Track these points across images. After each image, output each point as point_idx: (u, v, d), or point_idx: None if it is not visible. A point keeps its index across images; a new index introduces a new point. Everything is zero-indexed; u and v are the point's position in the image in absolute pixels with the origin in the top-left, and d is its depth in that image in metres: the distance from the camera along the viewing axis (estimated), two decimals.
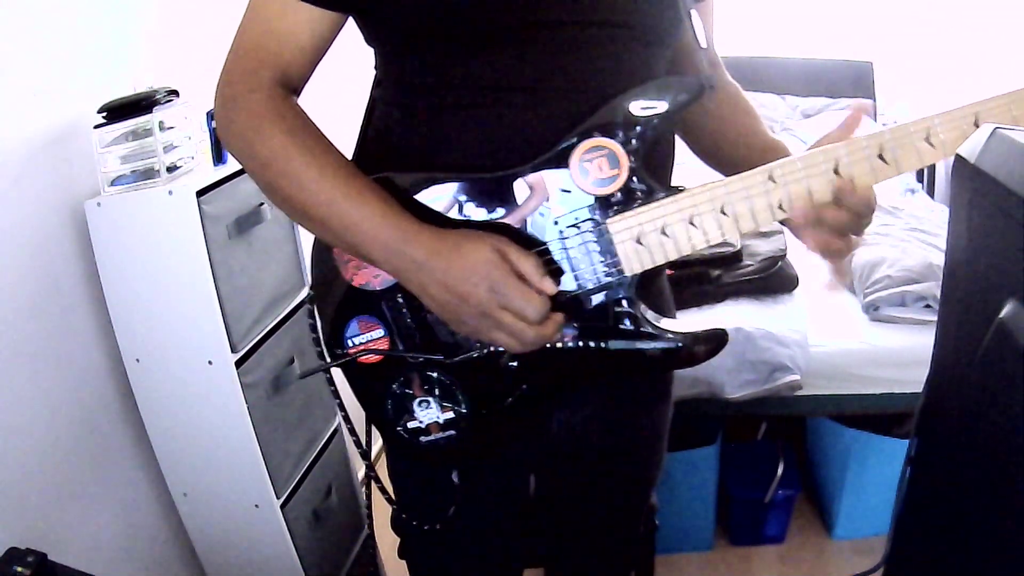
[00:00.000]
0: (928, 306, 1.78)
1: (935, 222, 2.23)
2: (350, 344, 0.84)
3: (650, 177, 0.77)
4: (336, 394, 0.93)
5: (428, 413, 0.85)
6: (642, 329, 0.80)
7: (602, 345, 0.81)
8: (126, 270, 1.31)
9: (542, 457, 1.02)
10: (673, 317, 0.93)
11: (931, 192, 3.01)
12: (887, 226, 2.22)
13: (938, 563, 1.13)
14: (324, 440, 1.65)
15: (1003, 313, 0.91)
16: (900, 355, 1.74)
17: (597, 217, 0.77)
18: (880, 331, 1.81)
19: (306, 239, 1.33)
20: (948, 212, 1.17)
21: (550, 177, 0.77)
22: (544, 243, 0.78)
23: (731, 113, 0.95)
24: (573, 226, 0.77)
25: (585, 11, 0.75)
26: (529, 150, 0.76)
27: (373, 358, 0.84)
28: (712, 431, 1.90)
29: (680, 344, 0.81)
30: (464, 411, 0.85)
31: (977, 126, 0.74)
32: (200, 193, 1.26)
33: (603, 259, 0.78)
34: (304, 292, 1.58)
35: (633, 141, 0.75)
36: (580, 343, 0.81)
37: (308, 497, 1.55)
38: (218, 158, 1.37)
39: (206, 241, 1.26)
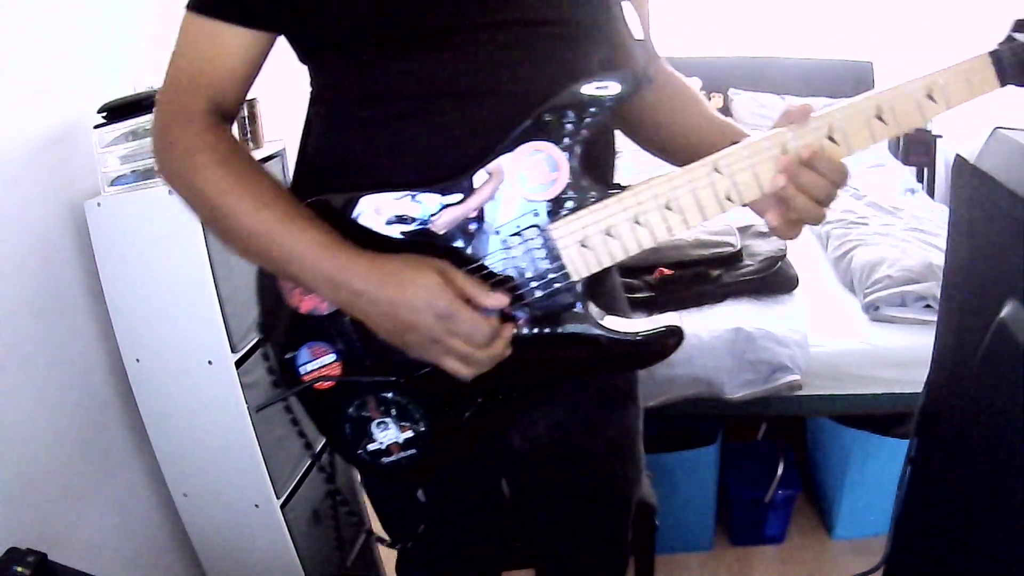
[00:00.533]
0: (928, 306, 1.77)
1: (935, 222, 2.23)
2: (303, 372, 0.82)
3: (591, 177, 0.76)
4: (295, 422, 0.92)
5: (387, 434, 0.84)
6: (593, 331, 0.79)
7: (553, 350, 0.80)
8: (126, 270, 1.31)
9: (511, 465, 1.01)
10: (627, 316, 0.92)
11: (931, 192, 3.01)
12: (887, 226, 2.22)
13: (938, 563, 1.13)
14: (324, 440, 1.65)
15: (1003, 313, 0.91)
16: (900, 355, 1.74)
17: (540, 223, 0.75)
18: (880, 331, 1.81)
19: None
20: (948, 212, 1.17)
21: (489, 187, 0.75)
22: (488, 255, 0.76)
23: (675, 103, 0.93)
24: (516, 234, 0.76)
25: (516, 11, 0.74)
26: (467, 158, 0.75)
27: (327, 384, 0.82)
28: (712, 431, 1.90)
29: (632, 344, 0.80)
30: (423, 429, 0.84)
31: (931, 98, 0.73)
32: None
33: (549, 265, 0.76)
34: None
35: (570, 142, 0.74)
36: (531, 349, 0.79)
37: (308, 497, 1.55)
38: None
39: (206, 241, 1.26)
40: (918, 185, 2.86)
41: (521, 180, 0.74)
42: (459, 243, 0.76)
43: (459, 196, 0.75)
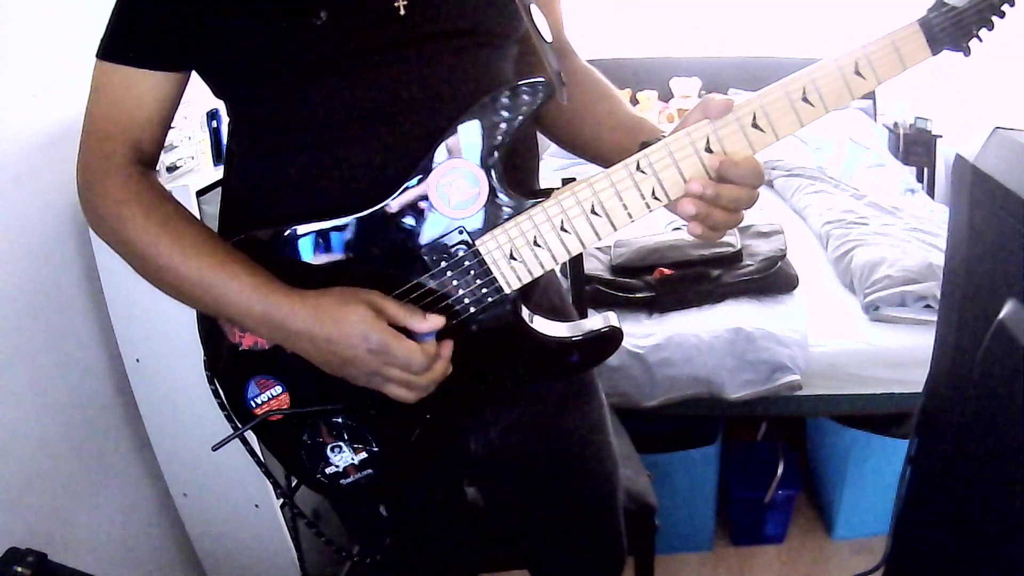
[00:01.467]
0: (928, 306, 1.77)
1: (935, 222, 2.23)
2: (252, 405, 0.83)
3: (513, 188, 0.75)
4: (252, 452, 0.93)
5: (342, 457, 0.85)
6: (531, 340, 0.80)
7: (494, 361, 0.81)
8: (126, 270, 1.30)
9: (474, 472, 1.02)
10: (570, 317, 0.93)
11: (931, 192, 3.01)
12: (887, 226, 2.22)
13: (938, 563, 1.13)
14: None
15: (1003, 313, 0.91)
16: (900, 355, 1.74)
17: (467, 239, 0.75)
18: (880, 331, 1.81)
19: None
20: (948, 212, 1.17)
21: (410, 208, 0.74)
22: (419, 276, 0.76)
23: (588, 101, 0.91)
24: (445, 253, 0.75)
25: (426, 26, 0.73)
26: (387, 182, 0.74)
27: (278, 415, 0.83)
28: (712, 431, 1.90)
29: (568, 347, 0.81)
30: (376, 449, 0.84)
31: (859, 73, 0.70)
32: (200, 193, 1.26)
33: (480, 280, 0.76)
34: None
35: (488, 155, 0.73)
36: (472, 364, 0.80)
37: (308, 497, 1.54)
38: (218, 158, 1.37)
39: None
40: (918, 185, 2.86)
41: (443, 198, 0.74)
42: (388, 268, 0.76)
43: (371, 252, 0.75)
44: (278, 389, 0.82)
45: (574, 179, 0.92)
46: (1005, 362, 0.91)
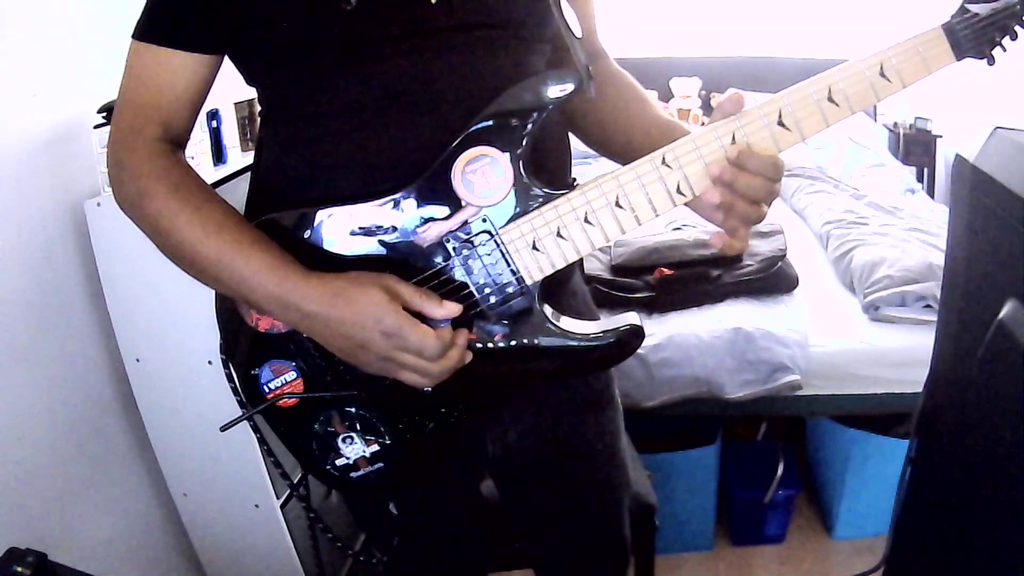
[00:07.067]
0: (928, 306, 1.77)
1: (935, 222, 2.23)
2: (266, 390, 0.83)
3: (540, 179, 0.75)
4: (263, 441, 0.92)
5: (353, 448, 0.84)
6: (549, 335, 0.79)
7: (512, 356, 0.80)
8: (126, 270, 1.31)
9: (492, 471, 1.01)
10: (593, 317, 0.92)
11: (931, 192, 3.01)
12: (887, 226, 2.22)
13: (938, 563, 1.13)
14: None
15: (1003, 313, 0.91)
16: (900, 355, 1.74)
17: (490, 228, 0.75)
18: (880, 331, 1.81)
19: None
20: (948, 212, 1.17)
21: (434, 195, 0.74)
22: (439, 264, 0.76)
23: (618, 101, 0.92)
24: (467, 241, 0.75)
25: (456, 16, 0.74)
26: (412, 169, 0.74)
27: (291, 401, 0.83)
28: (712, 431, 1.90)
29: (588, 345, 0.80)
30: (388, 442, 0.84)
31: (884, 75, 0.71)
32: None
33: (502, 270, 0.76)
34: None
35: (515, 144, 0.73)
36: (490, 357, 0.79)
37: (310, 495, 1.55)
38: (218, 158, 1.37)
39: None
40: (918, 185, 2.86)
41: (468, 186, 0.74)
42: (410, 255, 0.76)
43: (391, 238, 0.75)
44: (292, 375, 0.82)
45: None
46: (1005, 362, 0.91)
